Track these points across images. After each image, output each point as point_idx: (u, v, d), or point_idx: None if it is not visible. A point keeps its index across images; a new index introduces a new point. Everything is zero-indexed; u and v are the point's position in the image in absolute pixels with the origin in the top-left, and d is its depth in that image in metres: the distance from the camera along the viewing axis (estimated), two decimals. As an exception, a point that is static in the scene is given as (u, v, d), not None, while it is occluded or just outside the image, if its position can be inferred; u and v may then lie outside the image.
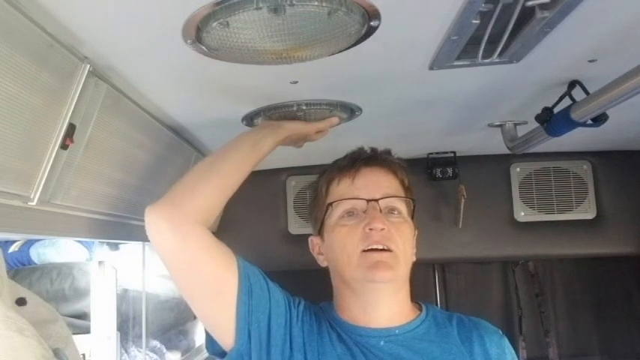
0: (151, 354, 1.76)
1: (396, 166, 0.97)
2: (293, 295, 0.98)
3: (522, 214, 1.67)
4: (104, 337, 1.39)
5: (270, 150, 1.00)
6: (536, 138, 1.14)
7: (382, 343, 0.90)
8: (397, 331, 0.92)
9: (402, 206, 0.94)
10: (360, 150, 1.00)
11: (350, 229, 0.91)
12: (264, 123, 1.04)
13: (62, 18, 0.63)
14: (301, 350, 0.88)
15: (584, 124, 0.97)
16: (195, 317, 2.01)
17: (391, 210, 0.93)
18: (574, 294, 1.89)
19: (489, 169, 1.67)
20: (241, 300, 0.86)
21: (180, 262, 0.86)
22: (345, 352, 0.89)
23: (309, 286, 1.08)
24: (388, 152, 1.00)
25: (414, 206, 0.97)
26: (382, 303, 0.92)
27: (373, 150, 0.99)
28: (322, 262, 0.99)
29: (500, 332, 0.97)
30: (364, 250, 0.88)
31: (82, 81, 0.74)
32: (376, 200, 0.91)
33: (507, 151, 1.32)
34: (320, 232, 0.98)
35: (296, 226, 1.70)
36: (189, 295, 0.89)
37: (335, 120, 1.05)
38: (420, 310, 0.98)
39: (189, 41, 0.69)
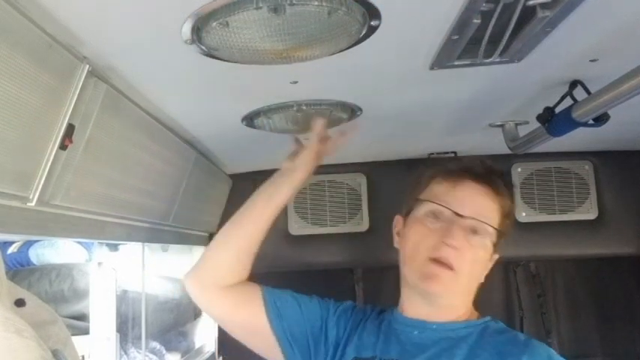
0: (151, 355, 1.75)
1: (503, 191, 0.94)
2: (338, 300, 1.06)
3: (524, 214, 1.67)
4: (103, 339, 1.38)
5: (288, 198, 1.03)
6: (537, 138, 1.14)
7: (416, 332, 0.93)
8: (435, 326, 0.93)
9: (488, 231, 0.91)
10: (476, 161, 0.97)
11: (428, 232, 0.91)
12: (277, 173, 1.05)
13: (61, 18, 0.63)
14: (333, 344, 0.99)
15: (585, 124, 0.97)
16: (195, 318, 2.00)
17: (475, 231, 0.90)
18: (575, 294, 1.89)
19: None
20: (274, 326, 0.99)
21: (215, 317, 1.10)
22: (370, 342, 0.96)
23: (309, 286, 1.08)
24: (502, 173, 0.97)
25: (502, 236, 0.93)
26: (434, 304, 0.94)
27: (487, 167, 0.96)
28: (396, 243, 1.01)
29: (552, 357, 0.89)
30: (430, 258, 0.89)
31: (82, 81, 0.74)
32: (462, 217, 0.89)
33: (508, 151, 1.32)
34: (405, 217, 0.99)
35: (296, 226, 1.70)
36: (237, 337, 1.05)
37: (319, 122, 1.01)
38: (478, 318, 0.96)
39: (188, 41, 0.69)
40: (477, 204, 0.92)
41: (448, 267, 0.88)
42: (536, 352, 0.88)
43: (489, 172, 0.95)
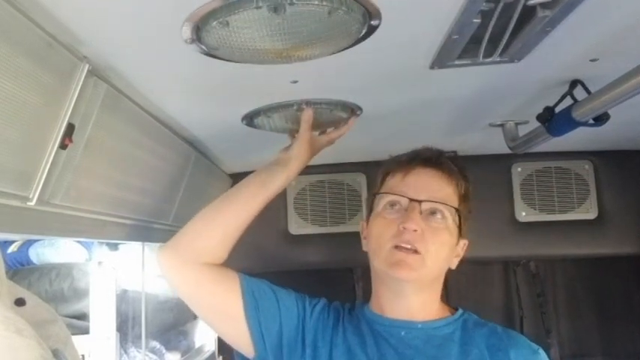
0: (151, 355, 1.76)
1: (453, 172, 0.96)
2: (312, 296, 1.03)
3: (524, 214, 1.67)
4: (103, 338, 1.38)
5: (281, 187, 1.03)
6: (537, 138, 1.14)
7: (403, 333, 0.93)
8: (420, 325, 0.94)
9: (447, 212, 0.93)
10: (424, 149, 0.99)
11: (388, 222, 0.93)
12: (273, 161, 1.05)
13: (61, 17, 0.63)
14: (311, 346, 0.95)
15: (585, 124, 0.97)
16: (195, 317, 2.00)
17: (433, 212, 0.92)
18: (575, 294, 1.89)
19: (490, 169, 1.66)
20: (249, 316, 0.95)
21: (186, 295, 1.00)
22: (356, 343, 0.94)
23: (309, 286, 1.08)
24: (452, 157, 0.99)
25: (461, 216, 0.95)
26: (407, 296, 0.95)
27: (434, 151, 0.98)
28: (364, 246, 1.01)
29: (536, 348, 0.93)
30: (394, 246, 0.91)
31: (82, 80, 0.74)
32: (418, 201, 0.91)
33: (508, 151, 1.32)
34: (368, 218, 1.01)
35: (296, 226, 1.70)
36: (204, 319, 1.01)
37: (308, 111, 1.01)
38: (453, 313, 0.98)
39: (188, 40, 0.69)
40: (431, 187, 0.93)
41: (413, 251, 0.89)
42: (519, 344, 0.92)
43: (438, 155, 0.97)
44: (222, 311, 0.97)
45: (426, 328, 0.93)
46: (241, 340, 0.96)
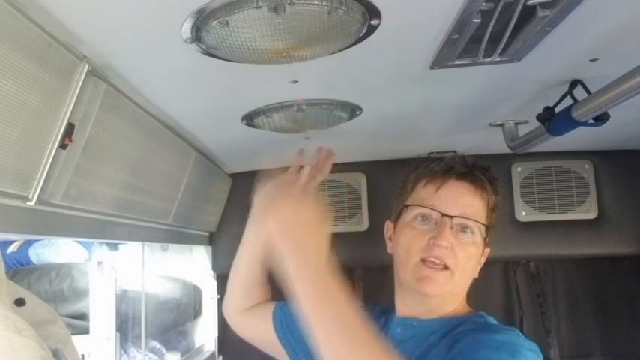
0: (151, 354, 1.75)
1: (485, 186, 0.96)
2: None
3: (523, 214, 1.67)
4: (103, 338, 1.38)
5: (262, 239, 1.14)
6: (537, 137, 1.14)
7: (398, 329, 0.95)
8: (415, 323, 0.95)
9: (476, 228, 0.94)
10: (458, 160, 0.99)
11: (418, 234, 0.93)
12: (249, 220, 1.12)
13: (61, 17, 0.63)
14: None
15: (585, 124, 0.97)
16: (194, 317, 2.00)
17: (464, 228, 0.93)
18: (575, 294, 1.89)
19: None
20: (282, 339, 1.09)
21: (244, 337, 1.22)
22: None
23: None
24: (486, 169, 0.98)
25: (488, 230, 0.96)
26: (423, 304, 0.96)
27: (469, 165, 0.97)
28: (389, 248, 1.03)
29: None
30: (422, 260, 0.92)
31: (81, 80, 0.74)
32: (450, 217, 0.92)
33: (508, 151, 1.32)
34: (395, 222, 1.02)
35: (296, 226, 1.69)
36: (265, 351, 1.18)
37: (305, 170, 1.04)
38: (467, 312, 0.98)
39: (188, 40, 0.69)
40: (462, 203, 0.93)
41: (442, 267, 0.91)
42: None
43: (471, 169, 0.96)
44: (264, 341, 1.14)
45: (420, 325, 0.95)
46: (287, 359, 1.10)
